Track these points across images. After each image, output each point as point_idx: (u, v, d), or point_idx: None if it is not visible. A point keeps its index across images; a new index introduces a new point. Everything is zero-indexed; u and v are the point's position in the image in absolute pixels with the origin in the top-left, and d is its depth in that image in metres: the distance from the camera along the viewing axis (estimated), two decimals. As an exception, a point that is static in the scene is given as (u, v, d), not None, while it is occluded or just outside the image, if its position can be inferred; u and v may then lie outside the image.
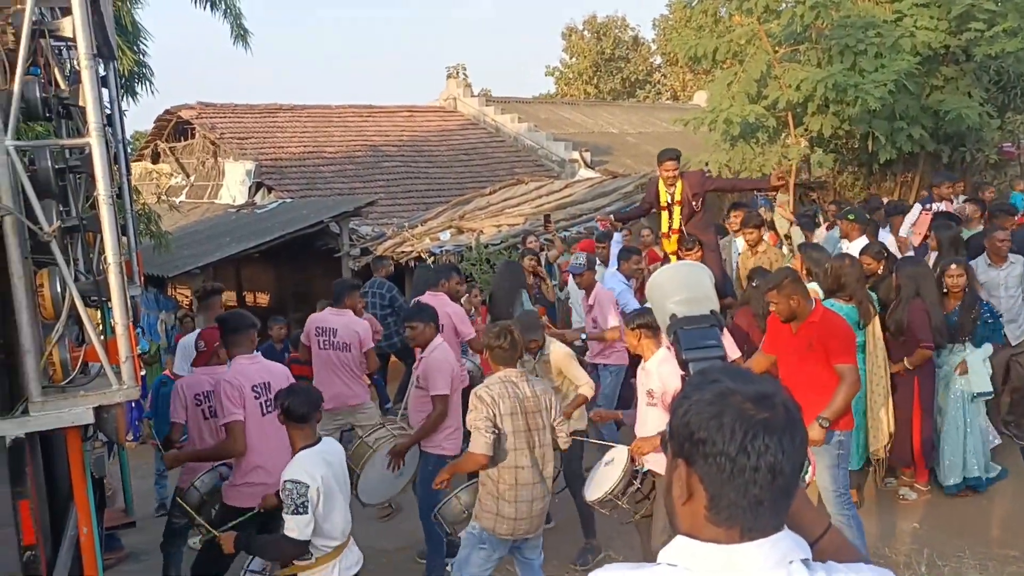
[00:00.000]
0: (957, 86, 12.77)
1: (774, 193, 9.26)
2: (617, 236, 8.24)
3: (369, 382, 7.26)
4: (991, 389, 6.32)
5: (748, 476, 1.29)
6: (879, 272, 6.62)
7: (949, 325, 6.23)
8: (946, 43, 12.42)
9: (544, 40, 68.56)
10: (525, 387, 4.46)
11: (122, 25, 10.22)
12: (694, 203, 7.32)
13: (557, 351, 5.73)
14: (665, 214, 7.48)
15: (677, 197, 7.34)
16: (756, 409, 1.30)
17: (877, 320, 6.03)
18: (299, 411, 3.84)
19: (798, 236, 7.83)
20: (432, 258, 11.79)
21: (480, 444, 4.29)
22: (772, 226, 8.69)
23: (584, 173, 18.93)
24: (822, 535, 1.57)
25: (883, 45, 11.88)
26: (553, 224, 11.38)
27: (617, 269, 7.76)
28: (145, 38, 11.82)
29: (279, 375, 5.00)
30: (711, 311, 2.07)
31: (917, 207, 9.04)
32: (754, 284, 6.48)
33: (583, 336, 7.17)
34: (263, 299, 18.71)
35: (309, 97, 59.68)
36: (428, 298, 6.56)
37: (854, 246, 7.32)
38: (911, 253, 7.80)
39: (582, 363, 6.13)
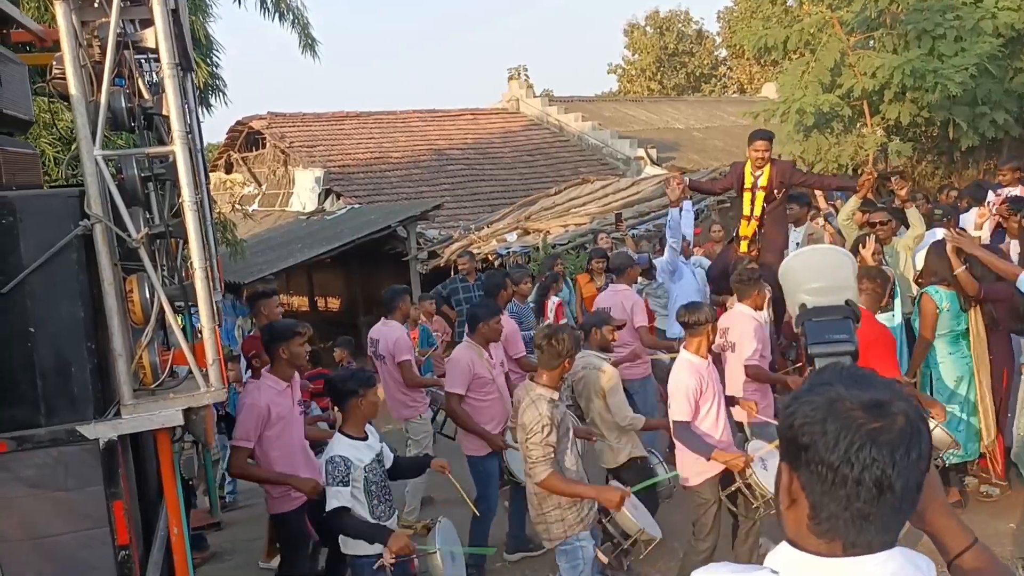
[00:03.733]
0: (1044, 68, 12.25)
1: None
2: (687, 204, 7.77)
3: None
4: None
5: (850, 489, 1.20)
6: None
7: None
8: (1030, 23, 11.92)
9: (606, 38, 68.18)
10: None
11: (196, 38, 10.47)
12: (777, 192, 7.06)
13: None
14: (748, 196, 7.21)
15: (763, 182, 7.07)
16: (866, 417, 1.21)
17: (978, 309, 5.83)
18: None
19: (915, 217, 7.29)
20: (499, 260, 11.81)
21: None
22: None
23: (650, 170, 18.72)
24: (964, 551, 1.47)
25: (963, 28, 11.47)
26: (624, 223, 11.28)
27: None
28: (218, 51, 12.12)
29: None
30: (846, 301, 1.90)
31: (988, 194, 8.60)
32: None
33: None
34: (334, 303, 19.03)
35: (375, 103, 60.50)
36: None
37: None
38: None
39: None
